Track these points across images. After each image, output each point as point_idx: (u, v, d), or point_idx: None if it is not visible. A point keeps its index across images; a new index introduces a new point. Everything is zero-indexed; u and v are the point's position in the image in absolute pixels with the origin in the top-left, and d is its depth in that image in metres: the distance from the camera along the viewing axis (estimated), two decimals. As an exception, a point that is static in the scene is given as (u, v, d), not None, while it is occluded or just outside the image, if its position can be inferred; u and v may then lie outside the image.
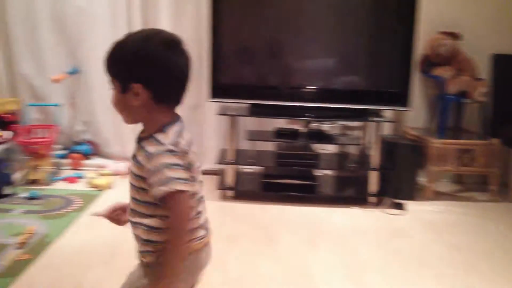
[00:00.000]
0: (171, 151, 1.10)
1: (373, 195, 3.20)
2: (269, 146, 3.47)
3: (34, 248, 2.34)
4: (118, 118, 1.27)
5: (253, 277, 2.20)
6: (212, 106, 3.50)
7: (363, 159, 3.42)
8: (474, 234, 2.79)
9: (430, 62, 3.56)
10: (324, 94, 3.14)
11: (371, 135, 3.33)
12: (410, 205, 3.20)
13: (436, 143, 3.25)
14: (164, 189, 1.08)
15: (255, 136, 3.37)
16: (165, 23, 3.49)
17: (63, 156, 3.74)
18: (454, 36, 3.48)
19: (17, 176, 3.28)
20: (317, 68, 3.21)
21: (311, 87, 3.13)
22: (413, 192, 3.32)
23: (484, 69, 3.61)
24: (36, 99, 3.81)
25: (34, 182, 3.30)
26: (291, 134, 3.31)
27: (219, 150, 3.53)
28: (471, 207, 3.25)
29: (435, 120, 3.63)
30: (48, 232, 2.53)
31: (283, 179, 3.32)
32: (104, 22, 3.58)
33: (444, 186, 3.66)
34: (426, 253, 2.52)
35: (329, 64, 3.22)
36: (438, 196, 3.40)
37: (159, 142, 1.11)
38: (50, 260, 2.25)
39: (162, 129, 1.14)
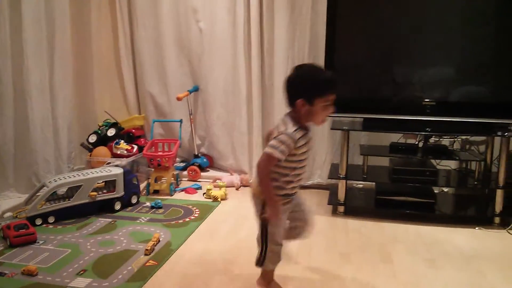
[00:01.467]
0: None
1: (498, 215, 2.95)
2: (383, 162, 3.37)
3: (160, 254, 2.52)
4: (232, 133, 1.39)
5: (369, 296, 2.14)
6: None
7: (486, 177, 3.18)
8: None
9: None
10: (444, 107, 2.98)
11: (495, 150, 3.09)
12: None
13: None
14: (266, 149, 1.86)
15: (369, 150, 3.30)
16: (282, 42, 3.58)
17: (182, 169, 3.99)
18: None
19: (142, 186, 3.57)
20: (436, 79, 3.05)
21: (429, 100, 2.99)
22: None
23: None
24: (160, 115, 4.12)
25: (157, 192, 3.55)
26: (408, 149, 3.19)
27: (331, 165, 3.50)
28: None
29: None
30: (171, 239, 2.71)
31: (398, 195, 3.19)
32: (223, 44, 3.77)
33: None
34: None
35: (449, 74, 3.04)
36: None
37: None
38: (175, 266, 2.40)
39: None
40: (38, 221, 2.90)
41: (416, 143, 3.27)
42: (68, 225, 2.93)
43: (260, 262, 2.06)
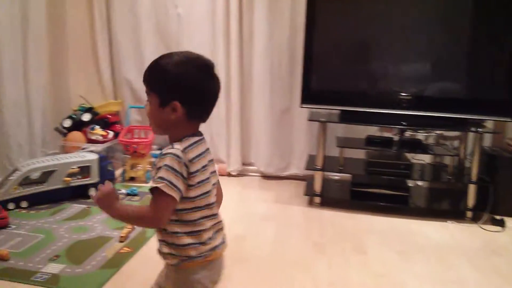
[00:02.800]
0: (176, 156, 1.20)
1: (470, 209, 3.03)
2: (359, 154, 3.41)
3: (135, 241, 2.50)
4: (209, 121, 1.36)
5: (344, 286, 2.17)
6: (303, 111, 3.52)
7: (460, 171, 3.25)
8: None
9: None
10: (420, 102, 3.02)
11: (469, 146, 3.16)
12: (510, 221, 2.98)
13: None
14: (153, 184, 1.20)
15: (345, 143, 3.33)
16: (261, 29, 3.55)
17: (158, 156, 3.94)
18: None
19: (117, 173, 3.52)
20: (413, 74, 3.10)
21: (406, 94, 3.03)
22: (514, 208, 3.10)
23: None
24: (136, 101, 4.06)
25: (132, 179, 3.51)
26: (383, 142, 3.23)
27: (308, 156, 3.53)
28: None
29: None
30: (146, 227, 2.69)
31: (373, 188, 3.24)
32: (202, 29, 3.72)
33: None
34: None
35: (426, 69, 3.09)
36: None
37: (172, 147, 1.23)
38: (149, 254, 2.38)
39: (181, 139, 1.26)
40: (11, 206, 2.84)
41: (392, 136, 3.32)
42: (42, 210, 2.87)
43: None
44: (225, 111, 3.73)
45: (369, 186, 3.25)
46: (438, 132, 3.36)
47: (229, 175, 3.81)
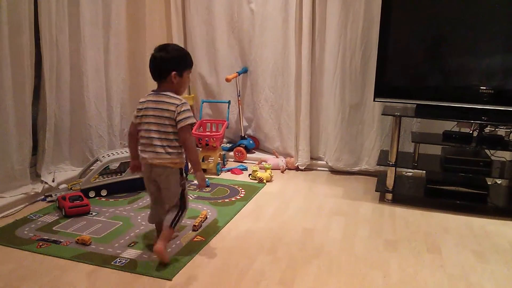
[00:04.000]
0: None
1: (556, 211, 2.83)
2: (435, 150, 3.28)
3: (207, 231, 2.57)
4: (279, 116, 1.39)
5: (414, 285, 2.10)
6: (374, 107, 3.45)
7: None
8: None
9: None
10: (501, 96, 2.85)
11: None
12: None
13: None
14: (182, 123, 2.19)
15: (421, 138, 3.21)
16: (333, 23, 3.51)
17: (229, 149, 4.03)
18: None
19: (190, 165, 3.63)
20: (494, 67, 2.92)
21: (486, 88, 2.87)
22: None
23: None
24: (208, 96, 4.17)
25: (204, 171, 3.60)
26: (461, 138, 3.09)
27: (380, 151, 3.45)
28: None
29: None
30: (217, 217, 2.76)
31: (449, 185, 3.10)
32: (274, 24, 3.75)
33: None
34: None
35: (508, 62, 2.90)
36: None
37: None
38: (221, 243, 2.45)
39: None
40: (92, 194, 3.03)
41: (471, 132, 3.16)
42: (120, 199, 3.04)
43: (174, 223, 2.24)
44: (294, 104, 3.73)
45: (445, 184, 3.12)
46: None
47: (297, 169, 3.81)
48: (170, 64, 2.19)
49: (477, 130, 3.10)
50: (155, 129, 2.18)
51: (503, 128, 3.14)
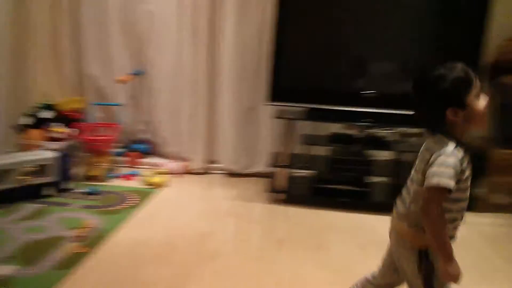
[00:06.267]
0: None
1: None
2: (324, 151, 3.42)
3: (91, 241, 2.44)
4: (176, 119, 1.34)
5: (302, 281, 2.17)
6: (268, 109, 3.51)
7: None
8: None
9: (498, 69, 3.38)
10: (382, 100, 3.05)
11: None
12: (467, 216, 3.03)
13: (499, 153, 3.08)
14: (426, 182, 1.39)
15: (310, 140, 3.33)
16: (229, 27, 3.52)
17: (121, 154, 3.88)
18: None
19: (77, 171, 3.44)
20: (377, 73, 3.13)
21: (370, 92, 3.05)
22: (471, 203, 3.15)
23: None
24: (101, 98, 3.98)
25: (92, 178, 3.43)
26: (346, 140, 3.25)
27: (272, 153, 3.52)
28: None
29: (499, 129, 3.43)
30: (104, 226, 2.63)
31: (336, 184, 3.26)
32: (171, 27, 3.67)
33: (504, 198, 3.47)
34: (482, 265, 2.41)
35: (389, 68, 3.12)
36: (498, 208, 3.23)
37: None
38: (106, 254, 2.33)
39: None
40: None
41: (356, 133, 3.34)
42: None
43: None
44: (189, 108, 3.68)
45: (332, 183, 3.27)
46: (399, 129, 3.39)
47: (193, 173, 3.76)
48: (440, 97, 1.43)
49: (362, 132, 3.29)
50: None
51: (385, 130, 3.37)
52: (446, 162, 1.35)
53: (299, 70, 3.19)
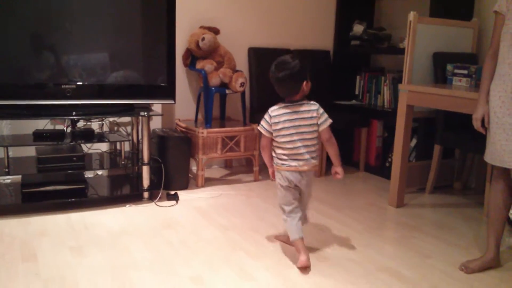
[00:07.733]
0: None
1: (146, 190, 3.17)
2: (29, 152, 3.13)
3: None
4: None
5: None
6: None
7: (134, 155, 3.37)
8: (242, 213, 3.00)
9: (193, 56, 3.68)
10: (90, 91, 2.96)
11: (142, 130, 3.29)
12: (183, 194, 3.27)
13: (204, 133, 3.39)
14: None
15: (10, 141, 2.99)
16: None
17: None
18: (213, 30, 3.66)
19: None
20: (82, 64, 2.95)
21: (75, 84, 2.91)
22: (186, 181, 3.42)
23: (242, 61, 3.93)
24: None
25: None
26: (54, 136, 3.05)
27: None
28: (239, 188, 3.51)
29: (201, 111, 3.77)
30: None
31: (47, 186, 3.03)
32: None
33: (215, 172, 3.89)
34: (197, 238, 2.60)
35: (94, 60, 3.00)
36: (210, 182, 3.59)
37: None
38: None
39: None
40: None
41: (65, 128, 3.16)
42: None
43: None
44: None
45: (42, 185, 3.03)
46: (111, 119, 3.37)
47: None
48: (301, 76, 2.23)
49: (71, 126, 3.13)
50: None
51: (96, 121, 3.29)
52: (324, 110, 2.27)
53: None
